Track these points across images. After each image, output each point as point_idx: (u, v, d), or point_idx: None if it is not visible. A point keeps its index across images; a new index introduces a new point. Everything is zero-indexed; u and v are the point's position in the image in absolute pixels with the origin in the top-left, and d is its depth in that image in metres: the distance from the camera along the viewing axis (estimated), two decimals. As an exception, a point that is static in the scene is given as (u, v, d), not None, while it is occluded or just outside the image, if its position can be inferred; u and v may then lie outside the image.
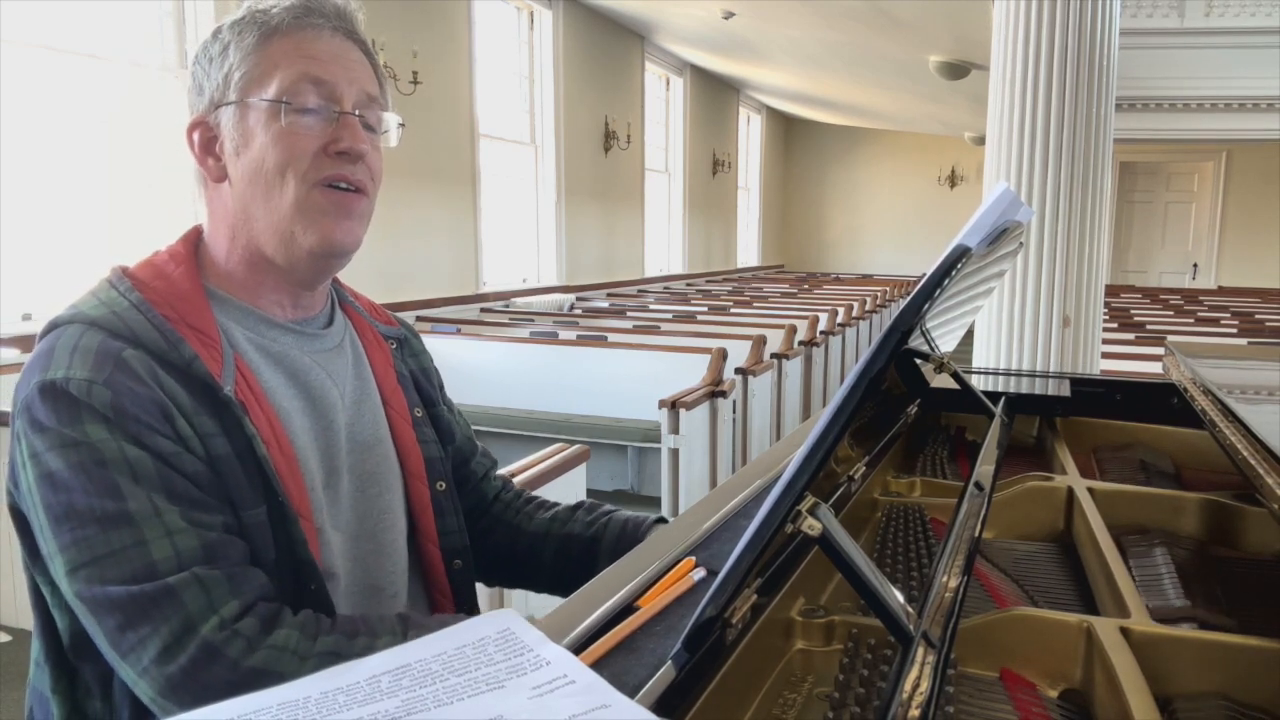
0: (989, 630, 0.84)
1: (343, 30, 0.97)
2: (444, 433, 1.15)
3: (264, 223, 0.94)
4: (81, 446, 0.81)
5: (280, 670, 0.80)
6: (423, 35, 6.14)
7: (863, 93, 11.53)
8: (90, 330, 0.86)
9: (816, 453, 0.64)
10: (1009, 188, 0.89)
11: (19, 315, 3.92)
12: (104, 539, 0.80)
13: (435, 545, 1.08)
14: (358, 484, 1.02)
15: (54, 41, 4.03)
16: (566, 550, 1.17)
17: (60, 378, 0.83)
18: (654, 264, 10.56)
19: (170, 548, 0.81)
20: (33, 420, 0.82)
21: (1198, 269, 12.37)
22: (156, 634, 0.79)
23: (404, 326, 1.20)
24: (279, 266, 0.96)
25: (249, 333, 0.96)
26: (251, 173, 0.93)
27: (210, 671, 0.79)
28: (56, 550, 0.81)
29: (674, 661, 0.63)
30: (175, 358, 0.87)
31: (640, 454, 4.60)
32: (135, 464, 0.82)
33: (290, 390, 0.97)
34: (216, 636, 0.80)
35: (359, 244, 0.98)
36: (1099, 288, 3.95)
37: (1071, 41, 3.66)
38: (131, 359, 0.85)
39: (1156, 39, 7.35)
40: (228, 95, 0.94)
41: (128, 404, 0.83)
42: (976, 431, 1.67)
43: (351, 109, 0.95)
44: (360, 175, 0.96)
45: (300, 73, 0.92)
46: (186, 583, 0.80)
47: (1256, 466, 0.93)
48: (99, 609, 0.80)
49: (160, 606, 0.79)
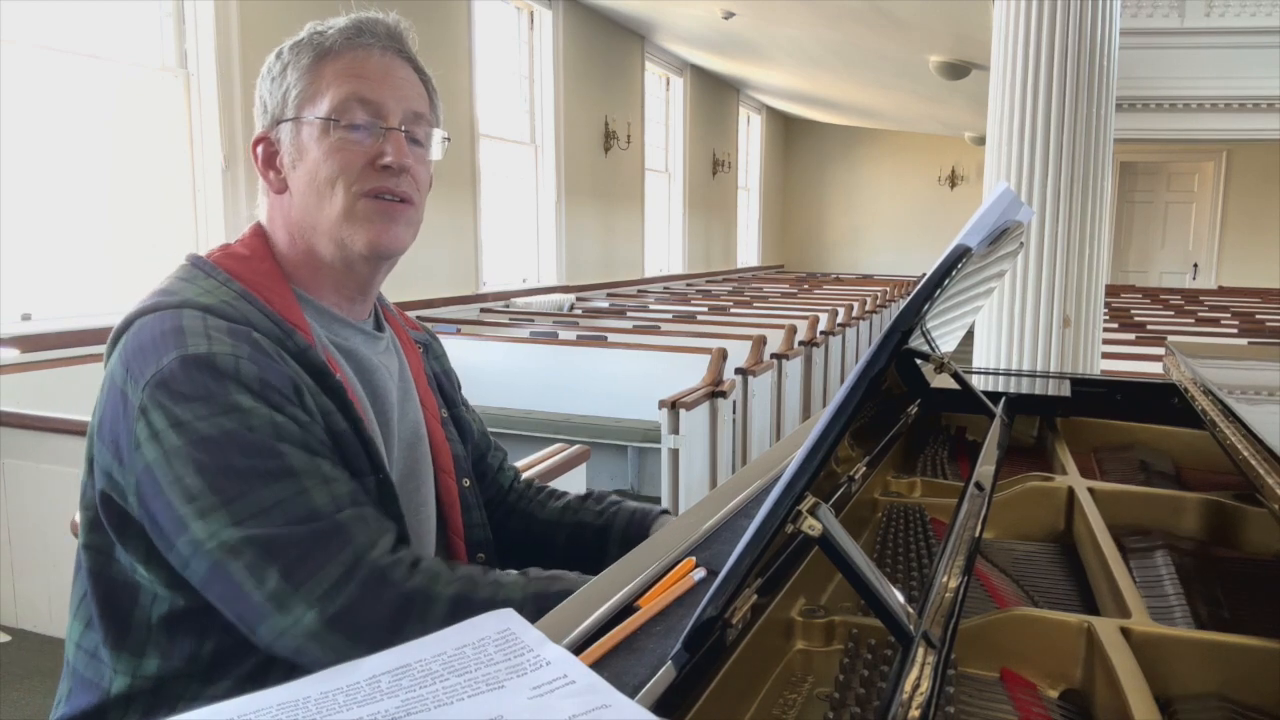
0: (989, 630, 0.84)
1: (393, 49, 1.03)
2: (464, 432, 1.22)
3: (320, 229, 1.00)
4: (234, 413, 0.86)
5: (433, 590, 0.87)
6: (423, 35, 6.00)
7: (863, 93, 11.53)
8: (209, 315, 0.91)
9: (816, 453, 0.64)
10: (1009, 188, 0.89)
11: (19, 315, 3.92)
12: (269, 491, 0.85)
13: (461, 539, 1.14)
14: (401, 479, 1.07)
15: (54, 41, 4.03)
16: (578, 537, 1.24)
17: (205, 351, 0.87)
18: (654, 264, 10.56)
19: (328, 494, 0.87)
20: (174, 392, 0.85)
21: (1198, 269, 12.36)
22: (334, 562, 0.84)
23: (428, 332, 1.27)
24: (337, 269, 1.02)
25: (325, 329, 1.02)
26: (307, 183, 0.99)
27: (381, 593, 0.85)
28: (218, 505, 0.83)
29: (674, 661, 0.63)
30: (290, 345, 0.94)
31: (640, 454, 4.59)
32: (283, 428, 0.88)
33: (359, 385, 1.03)
34: (384, 560, 0.87)
35: (406, 247, 1.04)
36: (1099, 288, 3.95)
37: (1071, 41, 3.66)
38: (260, 339, 0.91)
39: (1156, 39, 7.35)
40: (286, 112, 1.00)
41: (271, 377, 0.89)
42: (977, 431, 1.67)
43: (398, 125, 1.01)
44: (405, 187, 1.02)
45: (350, 92, 0.99)
46: (352, 519, 0.87)
47: (1257, 467, 0.93)
48: (270, 551, 0.83)
49: (333, 540, 0.85)
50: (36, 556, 2.98)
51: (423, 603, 0.86)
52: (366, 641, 0.82)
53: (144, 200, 4.46)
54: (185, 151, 4.63)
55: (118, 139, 4.34)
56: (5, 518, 3.04)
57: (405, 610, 0.85)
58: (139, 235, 4.39)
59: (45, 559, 2.96)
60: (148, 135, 4.48)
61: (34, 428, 2.93)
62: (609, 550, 1.19)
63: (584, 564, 1.15)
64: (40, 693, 2.66)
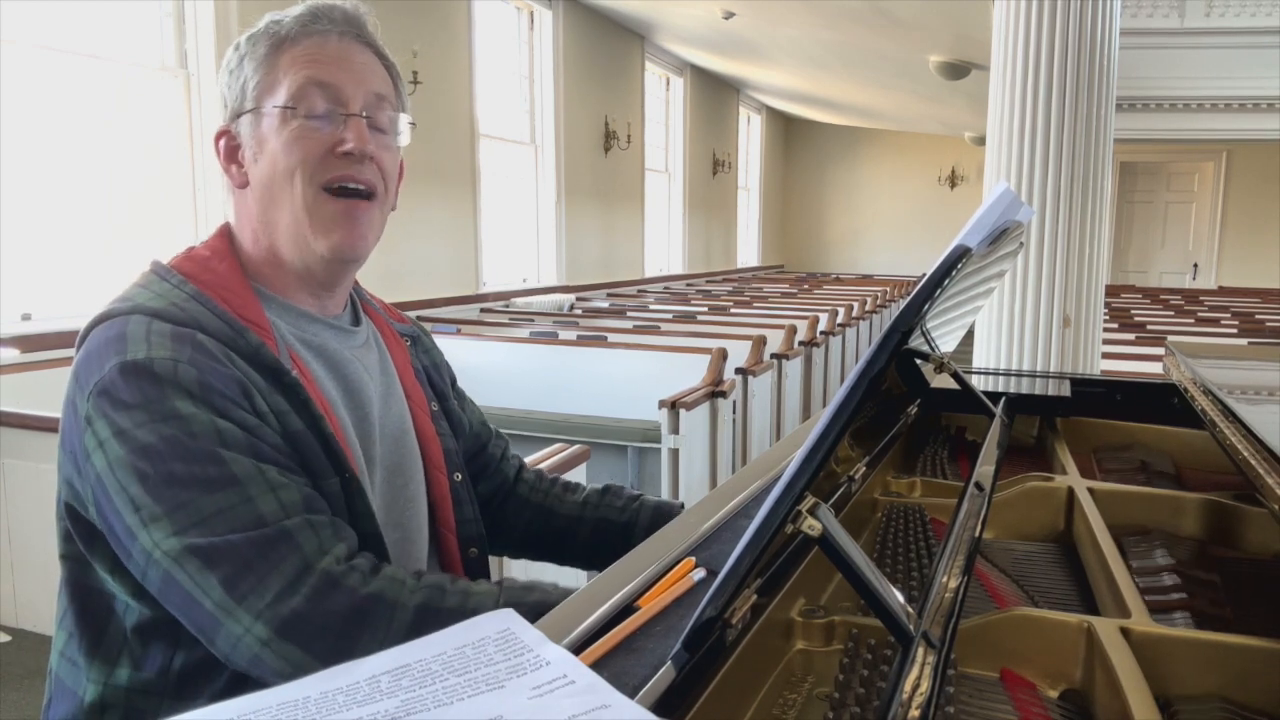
0: (989, 630, 0.84)
1: (351, 34, 0.99)
2: (456, 426, 1.19)
3: (280, 226, 0.98)
4: (172, 420, 0.83)
5: (394, 597, 0.84)
6: (423, 35, 6.14)
7: (863, 93, 11.53)
8: (155, 320, 0.89)
9: (816, 453, 0.64)
10: (1009, 188, 0.89)
11: (19, 315, 3.92)
12: (211, 500, 0.82)
13: (453, 534, 1.12)
14: (386, 475, 1.05)
15: (54, 41, 4.03)
16: (602, 532, 1.23)
17: (143, 357, 0.85)
18: (654, 264, 10.55)
19: (275, 501, 0.84)
20: (115, 400, 0.83)
21: (1198, 269, 12.36)
22: (276, 572, 0.81)
23: (415, 324, 1.25)
24: (297, 268, 1.00)
25: (291, 326, 1.00)
26: (267, 177, 0.97)
27: (333, 599, 0.82)
28: (160, 515, 0.81)
29: (674, 662, 0.63)
30: (242, 345, 0.91)
31: (640, 454, 4.59)
32: (226, 434, 0.85)
33: (332, 382, 1.01)
34: (335, 569, 0.83)
35: (369, 250, 1.02)
36: (1099, 288, 3.95)
37: (1071, 41, 3.66)
38: (206, 342, 0.88)
39: (1156, 39, 7.35)
40: (245, 104, 0.98)
41: (213, 380, 0.86)
42: (976, 431, 1.67)
43: (359, 111, 0.97)
44: (368, 175, 0.98)
45: (307, 77, 0.96)
46: (299, 526, 0.84)
47: (1256, 467, 0.93)
48: (212, 560, 0.80)
49: (277, 547, 0.82)
50: (36, 556, 2.98)
51: (383, 610, 0.83)
52: (320, 650, 0.80)
53: (144, 200, 4.46)
54: (185, 151, 4.63)
55: (118, 139, 4.34)
56: (5, 518, 3.04)
57: (361, 618, 0.82)
58: (139, 235, 4.39)
59: (45, 559, 2.94)
60: (148, 135, 4.48)
61: (34, 428, 2.93)
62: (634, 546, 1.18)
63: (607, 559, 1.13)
64: (40, 693, 2.65)
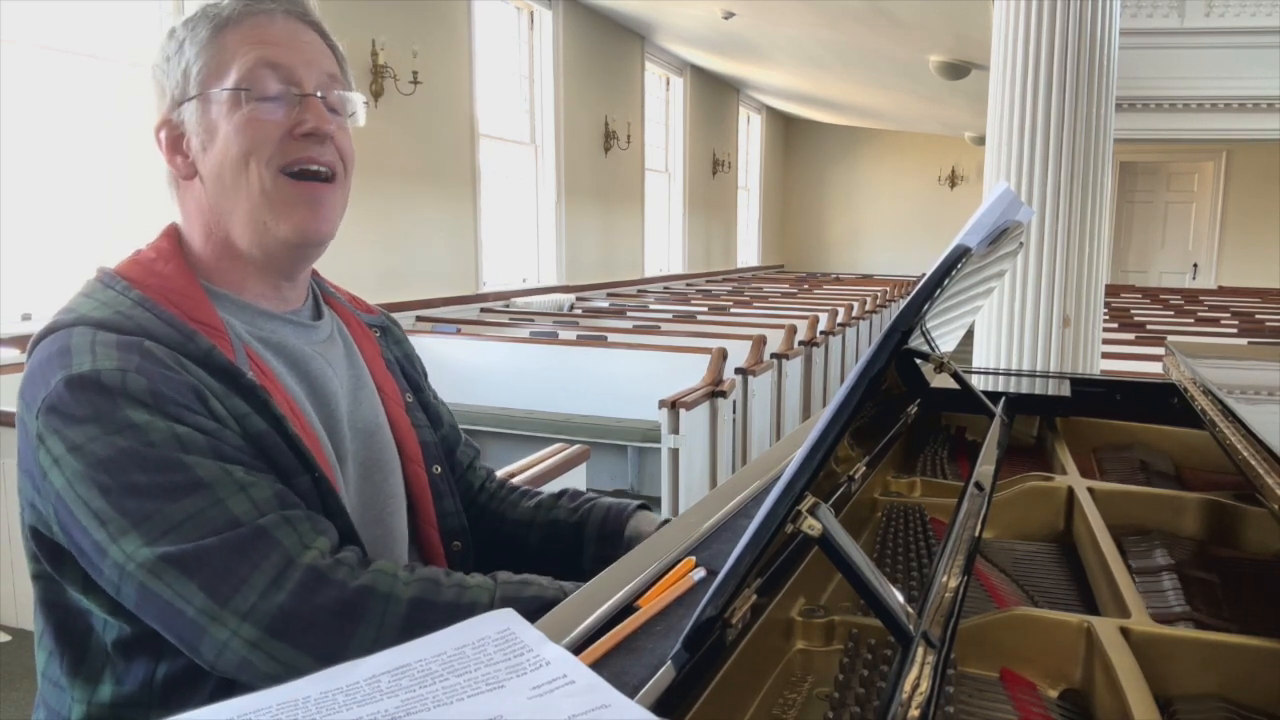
0: (989, 630, 0.84)
1: (295, 14, 0.96)
2: (433, 417, 1.16)
3: (235, 215, 0.94)
4: (127, 431, 0.80)
5: (386, 590, 0.82)
6: (423, 35, 6.13)
7: (863, 93, 11.53)
8: (100, 330, 0.85)
9: (816, 453, 0.64)
10: (1009, 188, 0.89)
11: (19, 315, 3.92)
12: (178, 507, 0.79)
13: (435, 528, 1.09)
14: (361, 471, 1.03)
15: (53, 41, 4.03)
16: (553, 536, 1.18)
17: (89, 369, 0.81)
18: (654, 264, 10.55)
19: (247, 500, 0.81)
20: (65, 415, 0.80)
21: (1198, 269, 12.36)
22: (259, 570, 0.79)
23: (384, 315, 1.21)
24: (255, 258, 0.96)
25: (247, 325, 0.96)
26: (219, 165, 0.93)
27: (321, 594, 0.79)
28: (128, 527, 0.78)
29: (674, 661, 0.63)
30: (193, 349, 0.87)
31: (640, 454, 4.59)
32: (185, 439, 0.81)
33: (294, 379, 0.97)
34: (321, 563, 0.81)
35: (333, 233, 0.98)
36: (1099, 288, 3.95)
37: (1071, 41, 3.66)
38: (154, 349, 0.85)
39: (1156, 39, 7.35)
40: (188, 91, 0.94)
41: (164, 388, 0.82)
42: (976, 431, 1.67)
43: (314, 91, 0.94)
44: (329, 156, 0.95)
45: (257, 58, 0.92)
46: (276, 523, 0.81)
47: (1256, 466, 0.93)
48: (189, 567, 0.78)
49: (256, 546, 0.79)
50: (36, 556, 2.98)
51: (375, 603, 0.81)
52: (312, 646, 0.78)
53: (144, 200, 4.45)
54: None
55: (117, 139, 4.34)
56: (5, 518, 3.03)
57: (353, 611, 0.80)
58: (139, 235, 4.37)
59: (45, 559, 2.96)
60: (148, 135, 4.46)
61: (34, 428, 2.93)
62: (585, 548, 1.15)
63: (559, 563, 1.12)
64: (40, 693, 2.66)
